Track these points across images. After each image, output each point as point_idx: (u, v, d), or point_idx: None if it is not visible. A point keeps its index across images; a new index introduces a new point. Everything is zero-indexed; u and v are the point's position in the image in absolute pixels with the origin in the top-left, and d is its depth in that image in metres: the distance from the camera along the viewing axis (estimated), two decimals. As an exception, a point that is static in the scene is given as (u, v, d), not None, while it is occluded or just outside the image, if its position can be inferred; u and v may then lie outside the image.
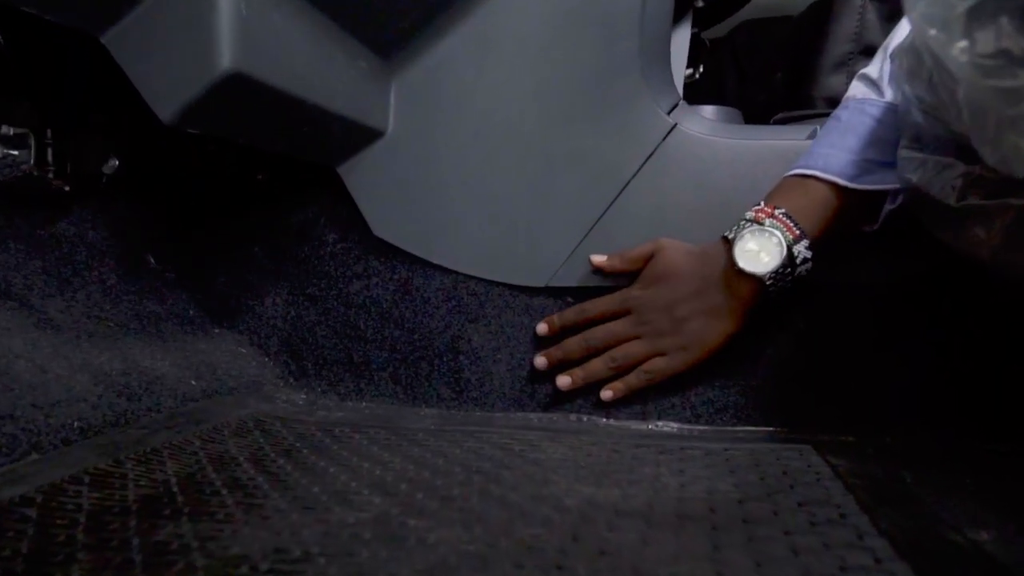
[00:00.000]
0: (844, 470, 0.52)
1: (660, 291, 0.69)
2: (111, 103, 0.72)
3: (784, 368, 0.70)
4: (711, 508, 0.44)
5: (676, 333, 0.68)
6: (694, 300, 0.67)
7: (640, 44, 0.75)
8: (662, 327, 0.69)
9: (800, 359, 0.70)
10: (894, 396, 0.67)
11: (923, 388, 0.67)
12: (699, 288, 0.67)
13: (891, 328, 0.68)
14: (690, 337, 0.68)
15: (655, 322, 0.69)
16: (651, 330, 0.69)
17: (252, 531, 0.40)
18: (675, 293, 0.68)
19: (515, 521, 0.41)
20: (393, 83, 0.79)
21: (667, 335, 0.68)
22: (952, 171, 0.53)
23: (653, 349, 0.69)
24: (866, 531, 0.39)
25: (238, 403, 0.73)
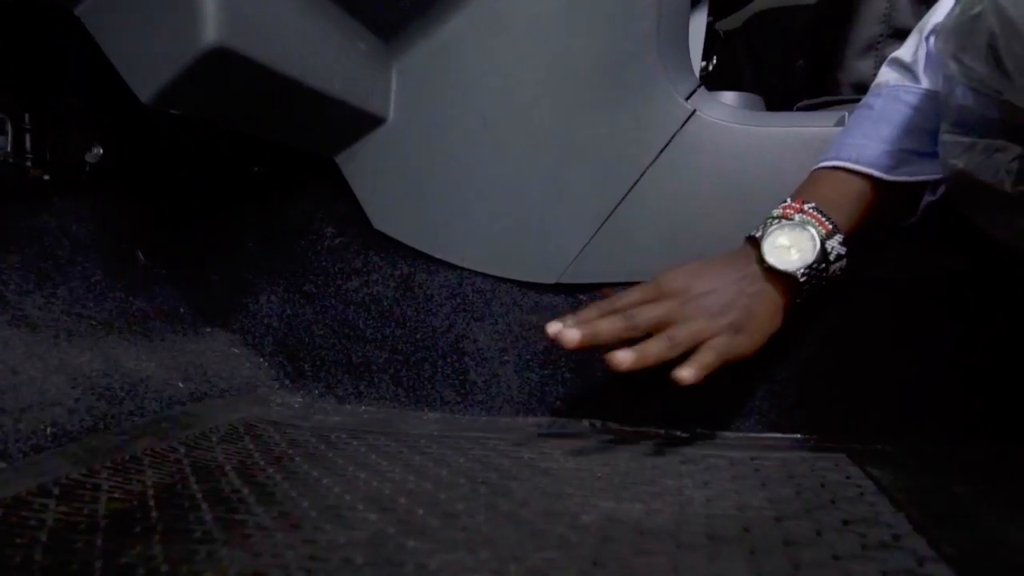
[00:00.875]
0: (887, 483, 0.47)
1: (697, 279, 0.59)
2: (94, 86, 0.68)
3: (811, 370, 0.65)
4: (745, 527, 0.39)
5: (729, 313, 0.58)
6: (735, 287, 0.58)
7: (657, 25, 0.71)
8: (712, 307, 0.58)
9: (828, 361, 0.65)
10: (930, 400, 0.62)
11: (962, 392, 0.62)
12: (738, 278, 0.58)
13: (926, 328, 0.63)
14: (744, 316, 0.58)
15: (703, 302, 0.58)
16: (700, 309, 0.58)
17: (230, 552, 0.36)
18: (713, 281, 0.59)
19: (526, 542, 0.36)
20: (394, 67, 0.74)
21: (721, 314, 0.58)
22: (1005, 154, 0.48)
23: (708, 329, 0.57)
24: (925, 555, 0.34)
25: (229, 407, 0.69)
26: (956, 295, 0.63)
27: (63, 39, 0.65)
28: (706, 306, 0.58)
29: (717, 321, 0.57)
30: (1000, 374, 0.61)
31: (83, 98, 0.69)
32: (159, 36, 0.49)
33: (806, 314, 0.64)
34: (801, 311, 0.62)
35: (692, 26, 0.96)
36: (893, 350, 0.64)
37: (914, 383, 0.63)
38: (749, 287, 0.59)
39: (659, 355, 0.56)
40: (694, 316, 0.57)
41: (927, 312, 0.64)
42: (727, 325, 0.57)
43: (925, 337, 0.63)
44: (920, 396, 0.63)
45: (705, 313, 0.57)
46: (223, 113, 0.59)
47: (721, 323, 0.57)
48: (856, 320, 0.65)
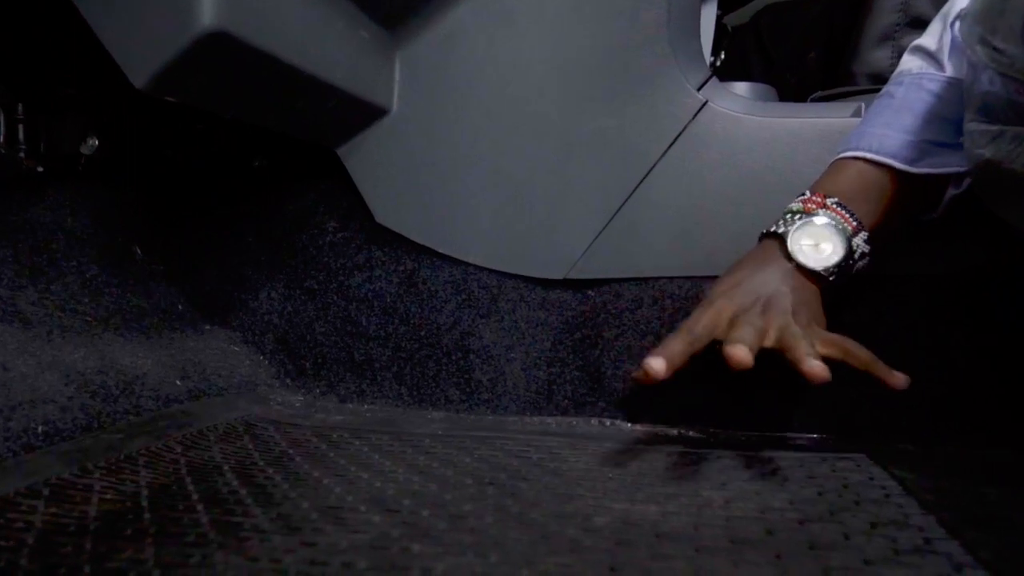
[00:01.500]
0: (913, 484, 0.45)
1: (739, 290, 0.55)
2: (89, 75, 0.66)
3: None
4: (768, 530, 0.37)
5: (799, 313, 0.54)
6: (783, 286, 0.54)
7: (668, 12, 0.69)
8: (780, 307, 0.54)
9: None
10: (953, 401, 0.60)
11: (987, 393, 0.60)
12: (779, 277, 0.55)
13: (948, 326, 0.61)
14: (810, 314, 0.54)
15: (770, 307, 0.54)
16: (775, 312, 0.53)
17: (225, 557, 0.34)
18: (757, 288, 0.55)
19: (538, 546, 0.34)
20: (398, 56, 0.72)
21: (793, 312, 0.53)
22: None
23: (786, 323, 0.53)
24: (962, 561, 0.32)
25: (228, 405, 0.67)
26: (980, 293, 0.61)
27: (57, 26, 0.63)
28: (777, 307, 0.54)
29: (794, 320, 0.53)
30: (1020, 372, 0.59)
31: (78, 88, 0.67)
32: (154, 19, 0.47)
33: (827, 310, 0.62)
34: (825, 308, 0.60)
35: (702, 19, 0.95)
36: (913, 348, 0.62)
37: (936, 383, 0.61)
38: (798, 287, 0.55)
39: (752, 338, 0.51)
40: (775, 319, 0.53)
41: (949, 310, 0.62)
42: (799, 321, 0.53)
43: (947, 336, 0.61)
44: (943, 397, 0.60)
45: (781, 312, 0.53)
46: (220, 101, 0.57)
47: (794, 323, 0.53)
48: (876, 317, 0.63)
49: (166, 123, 0.76)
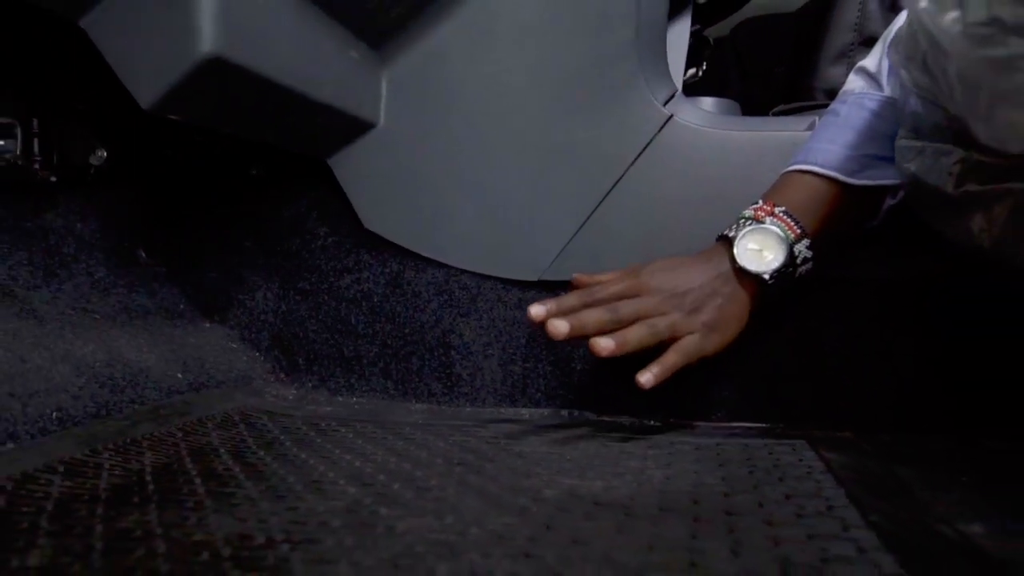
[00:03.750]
0: (837, 464, 0.50)
1: (674, 277, 0.63)
2: (98, 92, 0.72)
3: (779, 363, 0.69)
4: (695, 500, 0.42)
5: (705, 311, 0.61)
6: (711, 285, 0.62)
7: (636, 32, 0.74)
8: (689, 304, 0.61)
9: (796, 354, 0.69)
10: (892, 392, 0.65)
11: (922, 384, 0.65)
12: (711, 277, 0.62)
13: (889, 324, 0.66)
14: (718, 316, 0.61)
15: (682, 299, 0.62)
16: (679, 305, 0.61)
17: (219, 519, 0.39)
18: (690, 279, 0.62)
19: (489, 511, 0.40)
20: (385, 74, 0.78)
21: (697, 312, 0.61)
22: (950, 157, 0.51)
23: (685, 325, 0.61)
24: (853, 523, 0.37)
25: (225, 397, 0.72)
26: (917, 295, 0.66)
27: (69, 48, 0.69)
28: (685, 303, 0.61)
29: (694, 318, 0.61)
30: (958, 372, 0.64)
31: (88, 104, 0.73)
32: (158, 46, 0.53)
33: (775, 311, 0.68)
34: (770, 309, 0.65)
35: (675, 33, 1.00)
36: (858, 346, 0.67)
37: (878, 378, 0.66)
38: (723, 287, 0.62)
39: (640, 341, 0.59)
40: (673, 311, 0.61)
41: (891, 311, 0.67)
42: (702, 324, 0.61)
43: (888, 335, 0.66)
44: (884, 390, 0.66)
45: (683, 309, 0.61)
46: (219, 119, 0.63)
47: (697, 321, 0.61)
48: (823, 317, 0.68)
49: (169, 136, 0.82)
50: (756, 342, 0.69)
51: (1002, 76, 0.33)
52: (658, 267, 0.64)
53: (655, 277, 0.63)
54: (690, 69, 1.19)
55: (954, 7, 0.34)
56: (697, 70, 1.21)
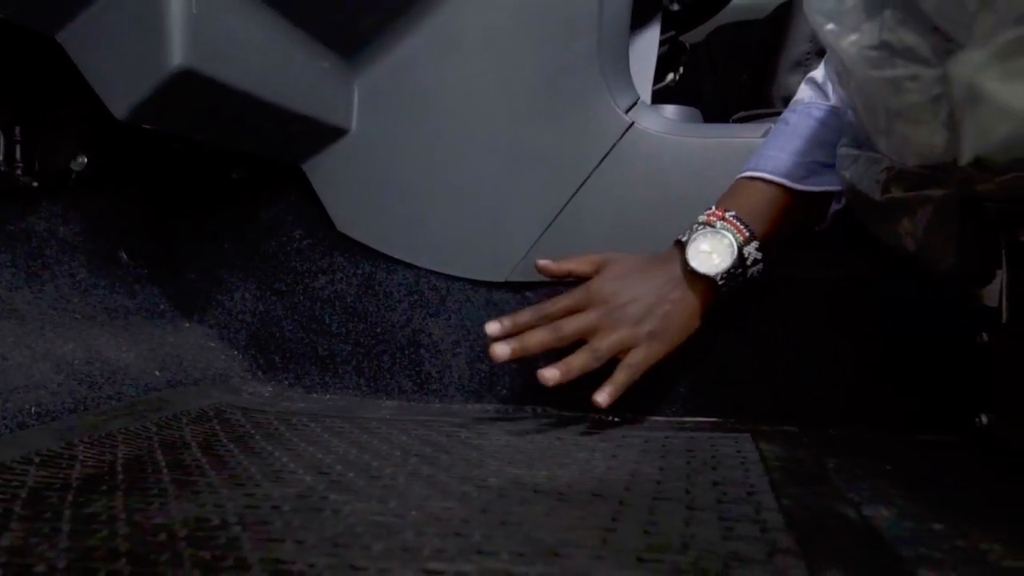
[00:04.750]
0: (770, 455, 0.53)
1: (624, 285, 0.67)
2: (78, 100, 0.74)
3: (731, 361, 0.71)
4: (627, 487, 0.45)
5: (649, 321, 0.65)
6: (658, 292, 0.66)
7: (598, 42, 0.77)
8: (634, 315, 0.65)
9: (748, 352, 0.71)
10: (838, 389, 0.68)
11: (865, 381, 0.68)
12: (661, 284, 0.66)
13: (836, 324, 0.69)
14: (663, 324, 0.65)
15: (626, 311, 0.65)
16: (624, 318, 0.65)
17: (179, 504, 0.42)
18: (639, 287, 0.67)
19: (432, 497, 0.43)
20: (356, 82, 0.81)
21: (641, 323, 0.65)
22: (878, 166, 0.54)
23: (629, 338, 0.64)
24: (766, 506, 0.40)
25: (202, 393, 0.75)
26: (861, 296, 0.69)
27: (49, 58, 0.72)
28: (629, 315, 0.65)
29: (638, 329, 0.65)
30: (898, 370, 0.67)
31: (69, 111, 0.76)
32: (131, 59, 0.56)
33: (728, 311, 0.71)
34: (724, 309, 0.68)
35: (645, 41, 1.03)
36: (805, 344, 0.70)
37: (825, 375, 0.69)
38: (671, 292, 0.65)
39: (583, 368, 0.64)
40: (616, 325, 0.65)
41: (837, 311, 0.70)
42: (646, 334, 0.65)
43: (835, 333, 0.69)
44: (831, 387, 0.69)
45: (628, 322, 0.65)
46: (192, 128, 0.65)
47: (641, 332, 0.65)
48: (773, 317, 0.71)
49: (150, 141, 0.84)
50: (710, 341, 0.72)
51: (894, 95, 0.36)
52: (610, 275, 0.67)
53: (605, 286, 0.66)
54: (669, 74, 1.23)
55: (853, 31, 0.37)
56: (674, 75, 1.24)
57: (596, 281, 0.67)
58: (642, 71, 1.02)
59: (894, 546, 0.35)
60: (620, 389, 0.64)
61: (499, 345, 0.65)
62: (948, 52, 0.31)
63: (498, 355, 0.64)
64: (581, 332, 0.65)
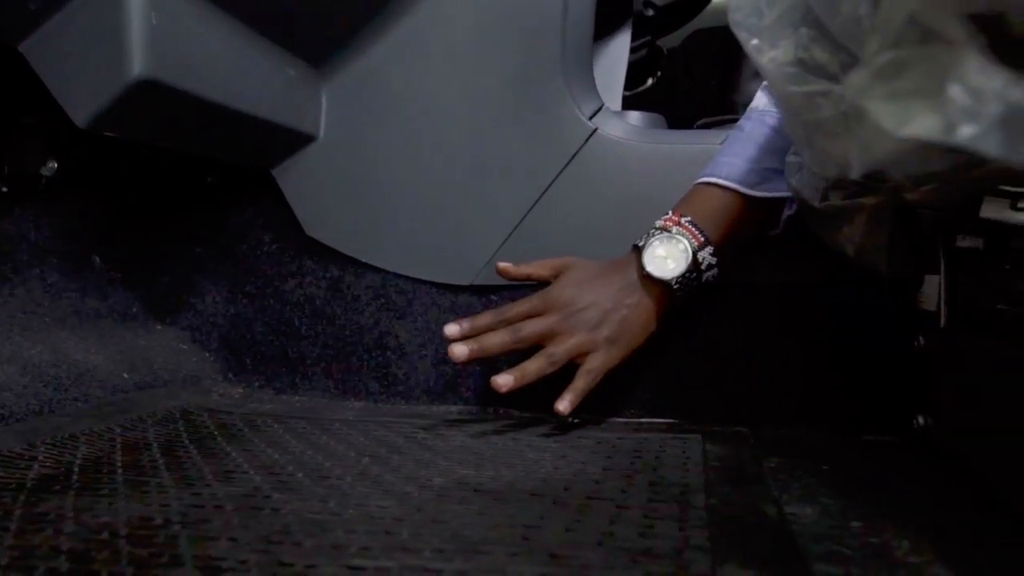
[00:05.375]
0: (713, 456, 0.55)
1: (582, 291, 0.68)
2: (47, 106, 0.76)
3: (687, 364, 0.73)
4: (567, 487, 0.47)
5: (606, 326, 0.66)
6: (615, 297, 0.67)
7: (562, 50, 0.78)
8: (591, 320, 0.66)
9: (703, 355, 0.73)
10: (790, 391, 0.70)
11: (815, 383, 0.69)
12: (618, 289, 0.68)
13: (788, 327, 0.71)
14: (620, 329, 0.66)
15: (583, 316, 0.66)
16: (581, 323, 0.66)
17: (127, 504, 0.43)
18: (596, 293, 0.68)
19: (373, 496, 0.44)
20: (324, 89, 0.82)
21: (598, 328, 0.66)
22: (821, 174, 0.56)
23: (587, 343, 0.66)
24: (693, 505, 0.42)
25: (170, 395, 0.76)
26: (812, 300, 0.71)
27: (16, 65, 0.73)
28: (586, 320, 0.66)
29: (595, 334, 0.66)
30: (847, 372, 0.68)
31: (37, 117, 0.77)
32: (92, 70, 0.57)
33: (685, 315, 0.72)
34: (681, 313, 0.70)
35: (615, 48, 1.05)
36: (758, 346, 0.72)
37: (777, 377, 0.70)
38: (628, 297, 0.67)
39: (538, 373, 0.65)
40: (574, 330, 0.66)
41: (789, 314, 0.71)
42: (604, 340, 0.66)
43: (786, 336, 0.71)
44: (783, 389, 0.70)
45: (585, 327, 0.66)
46: (156, 135, 0.67)
47: (599, 337, 0.66)
48: (728, 321, 0.73)
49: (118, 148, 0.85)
50: (666, 345, 0.73)
51: (809, 110, 0.37)
52: (568, 281, 0.68)
53: (564, 293, 0.67)
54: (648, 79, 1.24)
55: (772, 47, 0.39)
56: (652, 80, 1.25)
57: (555, 286, 0.69)
58: (613, 78, 1.03)
59: (803, 543, 0.36)
60: (580, 395, 0.65)
61: (458, 346, 0.66)
62: (852, 69, 0.33)
63: (456, 356, 0.65)
64: (539, 336, 0.66)
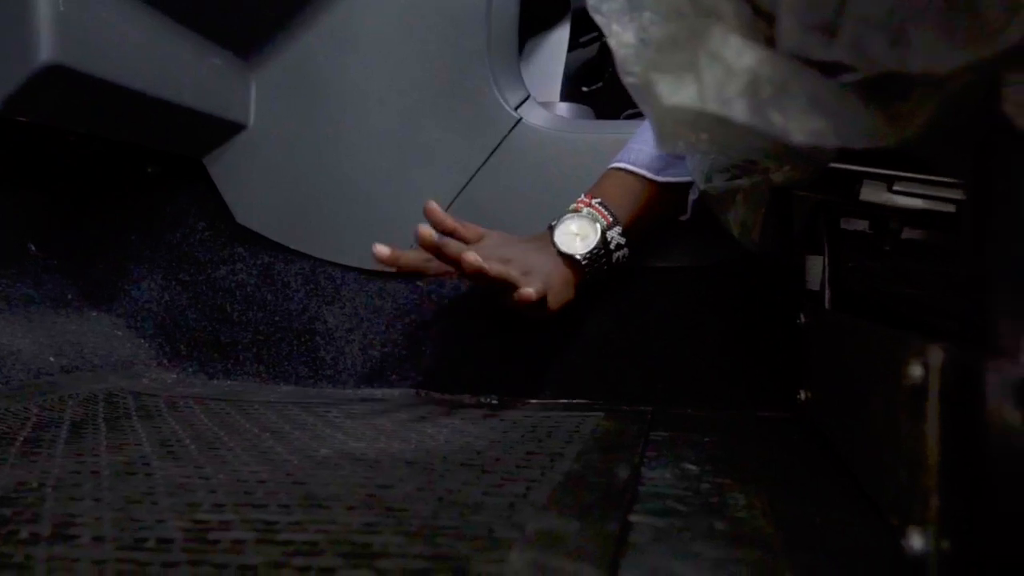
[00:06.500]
0: (602, 430, 0.56)
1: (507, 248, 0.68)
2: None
3: (601, 346, 0.75)
4: (444, 456, 0.48)
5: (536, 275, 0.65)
6: (535, 260, 0.67)
7: (488, 42, 0.80)
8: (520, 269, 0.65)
9: (617, 337, 0.75)
10: (701, 370, 0.72)
11: (724, 362, 0.71)
12: (536, 255, 0.68)
13: (698, 308, 0.73)
14: (547, 283, 0.65)
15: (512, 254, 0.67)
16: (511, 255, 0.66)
17: (12, 471, 0.45)
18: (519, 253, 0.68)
19: (251, 464, 0.46)
20: (254, 79, 0.83)
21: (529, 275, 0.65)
22: (703, 159, 0.58)
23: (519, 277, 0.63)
24: (554, 469, 0.44)
25: (97, 378, 0.77)
26: (726, 281, 0.73)
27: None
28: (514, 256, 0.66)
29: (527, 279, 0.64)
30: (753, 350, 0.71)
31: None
32: (1, 55, 0.58)
33: (601, 299, 0.74)
34: (596, 297, 0.72)
35: (553, 41, 1.07)
36: (671, 329, 0.74)
37: (687, 357, 0.72)
38: (545, 265, 0.68)
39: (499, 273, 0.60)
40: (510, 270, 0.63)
41: (704, 296, 0.74)
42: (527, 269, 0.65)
43: (697, 318, 0.73)
44: (695, 369, 0.72)
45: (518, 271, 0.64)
46: (69, 120, 0.68)
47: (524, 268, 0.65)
48: (640, 303, 0.75)
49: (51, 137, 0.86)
50: (582, 328, 0.75)
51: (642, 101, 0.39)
52: (493, 240, 0.69)
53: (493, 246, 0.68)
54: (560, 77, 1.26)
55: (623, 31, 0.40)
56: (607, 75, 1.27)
57: (482, 243, 0.69)
58: (551, 71, 1.05)
59: (641, 499, 0.38)
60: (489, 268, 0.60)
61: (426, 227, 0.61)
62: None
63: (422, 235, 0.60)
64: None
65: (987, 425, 0.20)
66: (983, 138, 0.22)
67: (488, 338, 0.78)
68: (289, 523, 0.34)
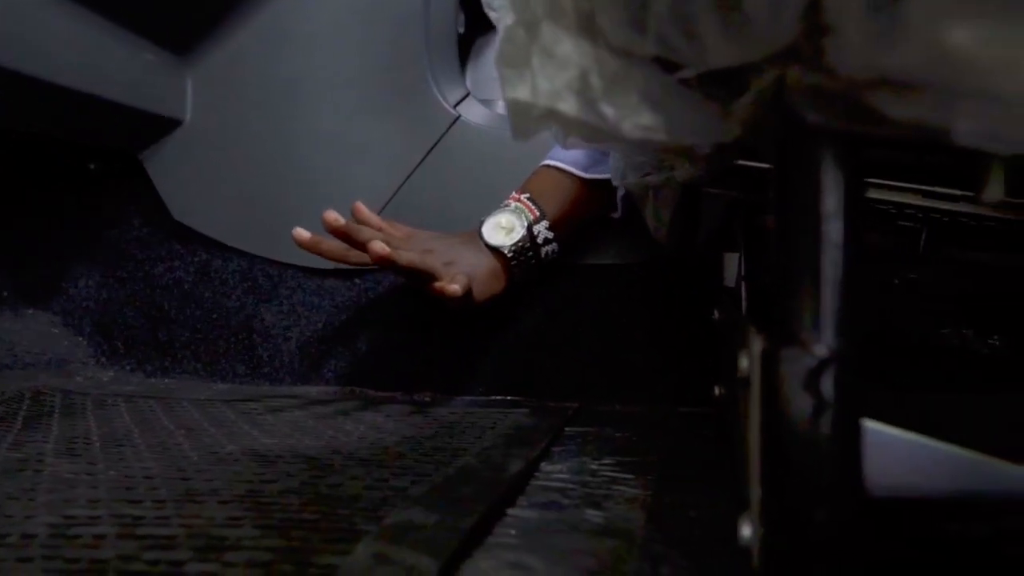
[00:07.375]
0: (515, 425, 0.57)
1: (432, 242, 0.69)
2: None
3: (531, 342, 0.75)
4: (349, 452, 0.48)
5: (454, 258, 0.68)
6: (461, 253, 0.68)
7: (426, 40, 0.80)
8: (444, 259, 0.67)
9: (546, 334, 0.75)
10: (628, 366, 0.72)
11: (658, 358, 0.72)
12: (464, 248, 0.69)
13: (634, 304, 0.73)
14: (465, 264, 0.67)
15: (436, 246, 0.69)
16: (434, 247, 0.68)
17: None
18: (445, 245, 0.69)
19: (145, 460, 0.45)
20: (189, 74, 0.83)
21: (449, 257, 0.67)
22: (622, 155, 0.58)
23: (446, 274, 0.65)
24: (451, 464, 0.44)
25: (27, 377, 0.77)
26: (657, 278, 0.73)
27: None
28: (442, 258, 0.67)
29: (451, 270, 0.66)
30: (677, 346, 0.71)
31: None
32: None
33: (531, 294, 0.74)
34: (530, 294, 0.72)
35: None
36: (608, 327, 0.74)
37: (614, 354, 0.73)
38: (473, 257, 0.69)
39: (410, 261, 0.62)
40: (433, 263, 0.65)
41: (635, 293, 0.74)
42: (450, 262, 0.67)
43: (632, 314, 0.73)
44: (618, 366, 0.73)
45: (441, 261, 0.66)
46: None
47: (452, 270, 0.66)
48: (578, 302, 0.75)
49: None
50: (515, 325, 0.76)
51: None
52: (420, 237, 0.70)
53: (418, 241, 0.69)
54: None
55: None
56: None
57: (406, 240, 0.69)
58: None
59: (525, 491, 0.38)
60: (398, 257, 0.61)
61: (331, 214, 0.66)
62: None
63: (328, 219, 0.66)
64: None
65: (781, 413, 0.21)
66: (778, 134, 0.22)
67: (424, 335, 0.78)
68: (156, 518, 0.33)
